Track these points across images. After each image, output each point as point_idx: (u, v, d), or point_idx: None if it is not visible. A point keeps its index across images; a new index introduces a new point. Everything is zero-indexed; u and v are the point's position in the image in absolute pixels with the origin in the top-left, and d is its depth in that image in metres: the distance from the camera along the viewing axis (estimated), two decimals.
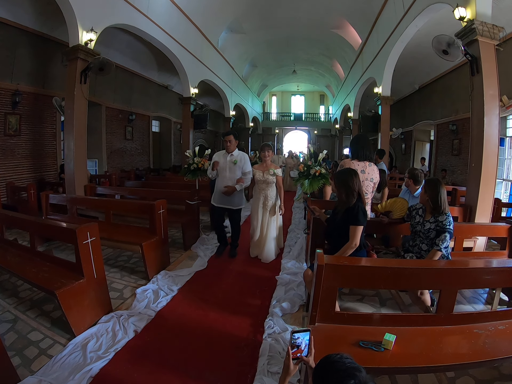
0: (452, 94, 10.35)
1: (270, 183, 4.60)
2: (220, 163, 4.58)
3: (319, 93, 30.08)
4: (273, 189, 4.65)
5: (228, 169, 4.53)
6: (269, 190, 4.63)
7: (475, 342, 1.99)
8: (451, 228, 2.91)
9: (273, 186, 4.65)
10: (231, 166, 4.51)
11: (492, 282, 2.26)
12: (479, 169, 4.71)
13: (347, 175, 2.93)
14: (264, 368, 2.32)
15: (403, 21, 7.83)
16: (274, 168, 4.57)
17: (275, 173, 4.55)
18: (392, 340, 1.85)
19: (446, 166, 10.96)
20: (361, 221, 2.75)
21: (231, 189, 4.43)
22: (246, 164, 4.58)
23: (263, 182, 4.62)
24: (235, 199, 4.58)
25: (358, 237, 2.75)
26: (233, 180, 4.50)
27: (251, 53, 17.25)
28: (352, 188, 2.84)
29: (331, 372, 1.09)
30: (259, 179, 4.63)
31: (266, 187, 4.63)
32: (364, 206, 2.86)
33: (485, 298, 3.60)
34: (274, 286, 3.79)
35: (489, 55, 4.68)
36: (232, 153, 4.55)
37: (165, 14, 8.82)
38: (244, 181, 4.50)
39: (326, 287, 2.05)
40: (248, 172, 4.58)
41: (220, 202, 4.62)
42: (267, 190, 4.63)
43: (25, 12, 6.89)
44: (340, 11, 11.77)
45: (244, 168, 4.56)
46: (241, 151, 4.67)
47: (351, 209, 2.82)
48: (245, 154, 4.68)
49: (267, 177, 4.56)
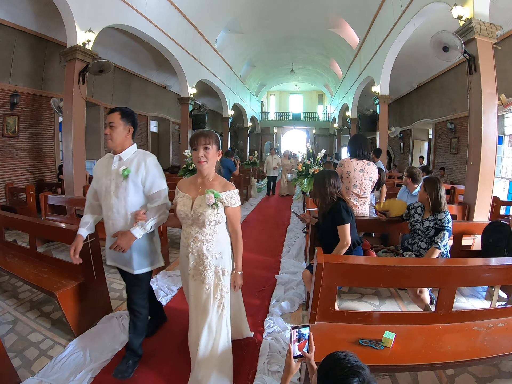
0: (450, 92, 10.37)
1: (208, 223, 2.05)
2: (97, 178, 2.33)
3: (317, 93, 30.12)
4: (217, 237, 2.12)
5: (114, 191, 2.21)
6: (206, 239, 2.09)
7: (475, 340, 1.99)
8: (450, 226, 2.93)
9: (218, 229, 2.13)
10: (119, 183, 2.20)
11: (490, 280, 2.27)
12: (477, 167, 4.72)
13: (321, 180, 2.94)
14: (264, 367, 2.33)
15: (401, 20, 7.83)
16: (222, 188, 2.08)
17: (222, 202, 2.06)
18: (392, 338, 1.86)
19: (444, 164, 10.98)
20: (346, 219, 2.74)
21: (125, 239, 2.11)
22: (150, 176, 2.24)
23: (192, 221, 2.10)
24: (134, 253, 2.28)
25: (347, 236, 2.74)
26: (126, 215, 2.23)
27: (249, 53, 17.25)
28: (328, 192, 2.86)
29: (335, 369, 1.10)
30: (182, 214, 2.10)
31: (199, 231, 2.09)
32: (346, 204, 2.85)
33: (484, 296, 3.61)
34: (273, 286, 3.80)
35: (487, 54, 4.69)
36: (120, 154, 2.25)
37: (163, 14, 8.82)
38: (152, 216, 2.19)
39: (325, 286, 2.05)
40: (159, 194, 2.26)
41: (112, 257, 2.40)
42: (201, 237, 2.09)
43: (23, 13, 6.86)
44: (338, 10, 11.79)
45: (149, 187, 2.24)
46: (140, 151, 2.34)
47: (333, 210, 2.82)
48: (149, 155, 2.31)
49: (199, 211, 2.03)
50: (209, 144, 2.05)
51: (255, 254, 5.01)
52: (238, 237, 2.21)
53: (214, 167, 2.15)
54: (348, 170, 3.63)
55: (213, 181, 2.13)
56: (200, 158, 2.03)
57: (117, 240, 2.13)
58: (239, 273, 2.21)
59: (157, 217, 2.24)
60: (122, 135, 2.25)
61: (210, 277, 2.10)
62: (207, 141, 2.05)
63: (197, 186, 2.16)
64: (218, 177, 2.17)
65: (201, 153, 2.03)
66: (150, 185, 2.25)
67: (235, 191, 2.11)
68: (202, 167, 2.06)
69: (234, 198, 2.08)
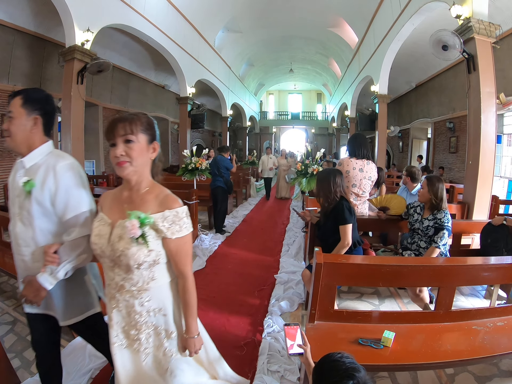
0: (449, 92, 10.38)
1: (137, 266, 1.32)
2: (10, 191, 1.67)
3: (316, 92, 30.08)
4: (155, 285, 1.39)
5: (18, 213, 1.57)
6: (138, 289, 1.38)
7: (474, 339, 1.99)
8: (449, 225, 2.93)
9: (157, 272, 1.38)
10: (22, 203, 1.54)
11: (490, 279, 2.27)
12: (476, 166, 4.73)
13: (326, 178, 2.91)
14: (264, 367, 2.33)
15: (400, 19, 7.83)
16: (159, 206, 1.35)
17: (158, 231, 1.32)
18: (391, 338, 1.86)
19: (443, 163, 10.99)
20: (348, 219, 2.73)
21: (32, 290, 1.50)
22: (62, 192, 1.53)
23: (112, 261, 1.37)
24: (56, 300, 1.65)
25: (349, 236, 2.73)
26: (37, 250, 1.57)
27: (248, 52, 17.24)
28: (333, 190, 2.83)
29: (330, 371, 1.10)
30: (97, 250, 1.39)
31: (126, 277, 1.36)
32: (349, 204, 2.85)
33: (483, 295, 3.61)
34: (273, 285, 3.79)
35: (486, 53, 4.69)
36: (24, 159, 1.59)
37: (161, 14, 8.80)
38: (67, 256, 1.52)
39: (324, 285, 2.05)
40: (76, 220, 1.56)
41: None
42: (129, 287, 1.38)
43: (21, 13, 6.85)
44: (336, 9, 11.78)
45: (62, 209, 1.55)
46: (55, 152, 1.63)
47: (336, 209, 2.81)
48: (64, 157, 1.60)
49: (119, 247, 1.30)
50: (133, 134, 1.29)
51: (254, 254, 5.03)
52: (188, 285, 1.41)
53: (147, 169, 1.41)
54: (347, 169, 3.63)
55: (146, 193, 1.38)
56: (119, 157, 1.27)
57: (23, 290, 1.52)
58: (193, 337, 1.44)
59: (75, 258, 1.53)
60: (25, 130, 1.51)
61: (147, 343, 1.42)
62: (130, 129, 1.29)
63: (121, 202, 1.41)
64: (155, 187, 1.42)
65: (120, 149, 1.28)
66: (63, 206, 1.52)
67: (180, 210, 1.33)
68: (124, 172, 1.30)
69: (178, 222, 1.32)
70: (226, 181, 6.09)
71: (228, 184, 6.15)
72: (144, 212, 1.29)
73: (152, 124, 1.42)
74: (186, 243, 1.39)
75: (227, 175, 6.17)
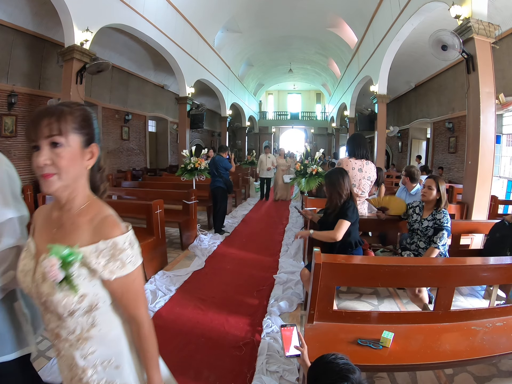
0: (448, 92, 10.40)
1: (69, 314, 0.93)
2: None
3: (315, 92, 30.11)
4: (99, 332, 0.99)
5: None
6: (77, 338, 0.98)
7: (473, 339, 1.99)
8: (448, 225, 2.93)
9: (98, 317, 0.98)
10: None
11: (489, 279, 2.27)
12: (475, 166, 4.72)
13: (337, 175, 2.90)
14: (263, 367, 2.32)
15: (399, 19, 7.83)
16: (93, 233, 0.95)
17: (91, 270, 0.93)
18: (390, 338, 1.86)
19: (442, 163, 11.00)
20: (349, 216, 2.72)
21: None
22: None
23: (42, 305, 1.00)
24: None
25: (342, 231, 2.70)
26: None
27: (247, 52, 17.24)
28: (343, 188, 2.81)
29: (324, 373, 1.09)
30: (25, 288, 1.02)
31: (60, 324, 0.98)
32: (356, 205, 2.85)
33: (483, 295, 3.61)
34: (271, 285, 3.79)
35: (485, 53, 4.69)
36: None
37: (160, 14, 8.80)
38: None
39: (323, 285, 2.04)
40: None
41: None
42: (66, 335, 0.98)
43: (20, 12, 6.84)
44: (336, 10, 11.79)
45: None
46: None
47: (344, 206, 2.79)
48: None
49: (43, 291, 0.94)
50: (62, 135, 0.91)
51: (253, 254, 5.02)
52: (144, 332, 1.05)
53: (82, 181, 1.01)
54: (347, 169, 3.62)
55: (79, 215, 0.99)
56: (43, 167, 0.90)
57: None
58: None
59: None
60: None
61: None
62: (57, 128, 0.90)
63: (51, 225, 1.04)
64: (92, 206, 1.02)
65: (44, 156, 0.89)
66: None
67: (120, 239, 0.95)
68: (50, 188, 0.92)
69: (119, 257, 0.94)
70: (225, 181, 6.05)
71: (227, 184, 6.11)
72: (74, 242, 0.93)
73: (90, 120, 1.02)
74: (135, 281, 1.01)
75: (226, 175, 6.12)
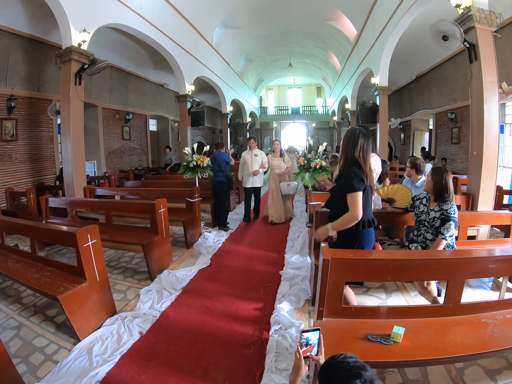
0: (449, 82, 10.29)
1: None
2: None
3: (315, 86, 29.93)
4: None
5: None
6: None
7: (484, 332, 1.97)
8: (455, 216, 2.89)
9: None
10: None
11: (499, 270, 2.23)
12: (480, 157, 4.66)
13: (352, 135, 2.44)
14: (272, 365, 2.30)
15: (399, 10, 7.73)
16: None
17: None
18: (401, 333, 1.83)
19: (445, 154, 10.90)
20: (356, 187, 2.27)
21: None
22: None
23: None
24: None
25: (358, 206, 2.27)
26: None
27: (246, 48, 17.13)
28: (353, 149, 2.39)
29: (336, 373, 1.09)
30: None
31: None
32: (360, 171, 2.34)
33: (490, 286, 3.58)
34: (278, 282, 3.77)
35: (487, 42, 4.61)
36: None
37: (158, 12, 8.72)
38: None
39: (332, 281, 2.02)
40: None
41: None
42: None
43: (16, 16, 6.79)
44: (334, 2, 11.67)
45: None
46: None
47: (342, 174, 2.41)
48: None
49: None
50: None
51: (258, 250, 5.01)
52: None
53: None
54: None
55: None
56: None
57: None
58: None
59: None
60: None
61: None
62: None
63: None
64: None
65: None
66: None
67: None
68: None
69: None
70: (226, 175, 6.25)
71: (228, 178, 6.26)
72: None
73: None
74: None
75: (227, 170, 6.28)
